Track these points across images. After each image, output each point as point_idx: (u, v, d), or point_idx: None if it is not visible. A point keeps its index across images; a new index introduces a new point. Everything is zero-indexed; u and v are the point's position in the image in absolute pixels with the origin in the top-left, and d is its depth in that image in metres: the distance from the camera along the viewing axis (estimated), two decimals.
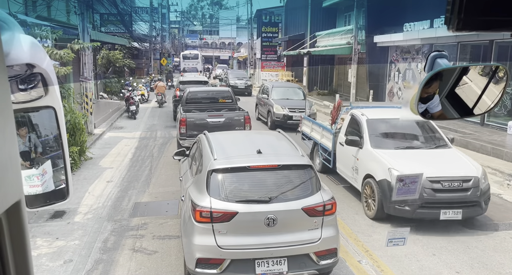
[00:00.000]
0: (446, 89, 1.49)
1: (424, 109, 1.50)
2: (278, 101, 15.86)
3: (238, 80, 29.28)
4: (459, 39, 15.39)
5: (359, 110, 8.59)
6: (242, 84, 29.00)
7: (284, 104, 15.51)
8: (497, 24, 0.90)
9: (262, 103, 17.48)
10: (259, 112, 18.19)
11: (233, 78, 29.79)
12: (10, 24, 0.94)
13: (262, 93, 17.96)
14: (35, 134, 1.35)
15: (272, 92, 16.78)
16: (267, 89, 17.33)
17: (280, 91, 17.09)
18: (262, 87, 18.67)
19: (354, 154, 7.93)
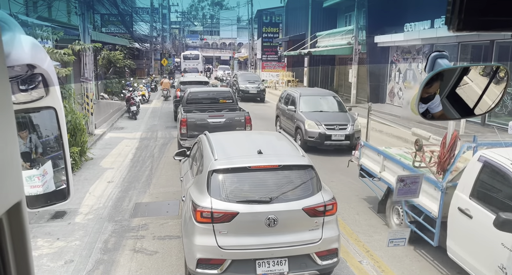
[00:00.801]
0: (446, 89, 1.49)
1: (425, 109, 1.51)
2: (310, 115, 12.36)
3: (250, 84, 25.63)
4: (460, 40, 15.38)
5: (497, 152, 4.86)
6: (254, 89, 25.40)
7: (319, 119, 12.04)
8: (498, 24, 0.90)
9: (286, 116, 13.90)
10: (281, 127, 14.31)
11: (244, 81, 26.06)
12: (11, 25, 0.94)
13: (285, 103, 14.31)
14: (36, 135, 1.35)
15: (300, 102, 13.13)
16: (293, 99, 13.59)
17: (310, 101, 13.41)
18: (285, 96, 14.70)
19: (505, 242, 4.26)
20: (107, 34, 23.36)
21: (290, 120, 13.37)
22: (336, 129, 11.73)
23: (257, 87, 25.51)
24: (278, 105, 15.25)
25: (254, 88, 25.42)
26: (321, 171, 7.94)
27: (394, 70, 20.87)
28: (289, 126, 13.38)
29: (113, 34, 25.20)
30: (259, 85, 25.90)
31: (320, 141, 11.71)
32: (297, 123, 12.58)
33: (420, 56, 18.53)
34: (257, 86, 25.63)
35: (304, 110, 12.78)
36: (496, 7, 0.88)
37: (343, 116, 12.46)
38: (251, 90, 25.30)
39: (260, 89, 25.52)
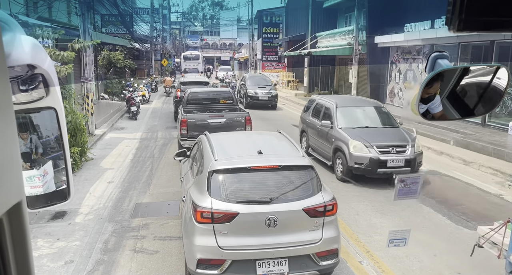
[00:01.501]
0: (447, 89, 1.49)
1: (425, 109, 1.51)
2: (354, 133, 9.42)
3: (260, 89, 22.11)
4: (460, 40, 15.38)
5: None
6: (264, 95, 21.87)
7: (368, 139, 9.18)
8: (498, 25, 0.90)
9: (318, 133, 10.86)
10: (310, 146, 11.46)
11: (253, 86, 22.42)
12: (12, 25, 0.94)
13: (314, 115, 11.34)
14: (36, 135, 1.35)
15: (338, 115, 10.09)
16: (327, 110, 10.60)
17: (351, 113, 10.37)
18: (314, 106, 11.61)
19: None
20: (108, 35, 23.38)
21: (324, 139, 10.41)
22: (392, 153, 8.91)
23: (268, 93, 21.97)
24: (304, 118, 12.09)
25: (264, 94, 21.93)
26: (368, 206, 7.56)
27: (394, 70, 20.87)
28: (323, 147, 10.46)
29: (113, 35, 25.22)
30: (271, 90, 22.36)
31: (371, 169, 8.84)
32: (337, 144, 9.57)
33: (420, 56, 18.53)
34: (268, 91, 22.08)
35: (345, 127, 9.79)
36: (496, 7, 0.88)
37: (397, 134, 9.57)
38: (261, 96, 21.87)
39: (272, 95, 22.00)
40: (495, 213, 7.54)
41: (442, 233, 6.68)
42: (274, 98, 22.15)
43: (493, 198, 8.42)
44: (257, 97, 21.85)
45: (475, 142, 11.99)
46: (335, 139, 9.73)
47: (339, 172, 9.49)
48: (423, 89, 1.43)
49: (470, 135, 12.92)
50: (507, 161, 10.55)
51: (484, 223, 7.05)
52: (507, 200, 8.36)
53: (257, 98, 21.81)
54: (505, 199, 8.43)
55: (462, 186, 9.16)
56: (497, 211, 7.69)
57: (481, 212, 7.61)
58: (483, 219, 7.28)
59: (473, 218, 7.30)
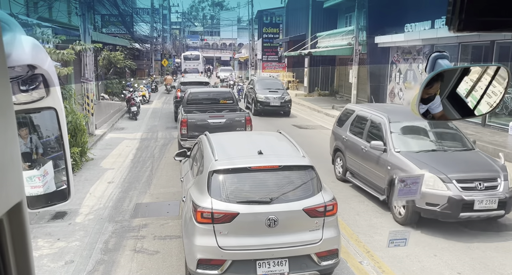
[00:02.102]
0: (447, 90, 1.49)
1: (426, 110, 1.51)
2: (421, 161, 6.95)
3: (271, 94, 19.62)
4: (460, 40, 15.38)
5: None
6: (276, 100, 19.37)
7: (443, 169, 6.66)
8: (498, 25, 0.90)
9: (363, 157, 8.22)
10: (349, 170, 8.95)
11: (263, 90, 19.95)
12: (12, 25, 0.94)
13: (355, 132, 8.84)
14: (37, 135, 1.35)
15: (393, 135, 7.59)
16: (377, 127, 8.09)
17: (411, 132, 8.02)
18: (354, 118, 9.14)
19: None
20: (108, 35, 23.39)
21: (372, 164, 7.83)
22: (479, 190, 6.45)
23: (281, 98, 19.44)
24: (338, 133, 9.65)
25: (276, 99, 19.39)
26: None
27: (394, 70, 20.87)
28: (371, 175, 7.87)
29: (113, 35, 25.24)
30: (283, 95, 19.79)
31: (450, 212, 6.41)
32: (394, 174, 6.97)
33: (420, 56, 18.53)
34: (281, 96, 19.54)
35: (405, 150, 7.31)
36: (496, 7, 0.88)
37: (479, 161, 7.15)
38: (273, 102, 19.35)
39: (285, 100, 19.49)
40: None
41: (442, 233, 6.68)
42: (287, 104, 19.52)
43: None
44: (268, 103, 19.31)
45: None
46: (392, 167, 7.16)
47: (398, 214, 6.99)
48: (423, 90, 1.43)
49: (470, 135, 12.90)
50: (507, 161, 10.54)
51: (484, 224, 7.05)
52: None
53: (268, 104, 19.31)
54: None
55: None
56: None
57: None
58: None
59: None
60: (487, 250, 6.15)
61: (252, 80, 22.97)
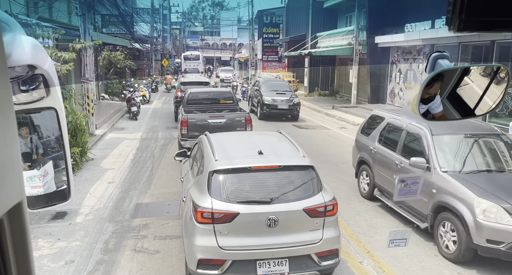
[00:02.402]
0: (447, 90, 1.49)
1: (426, 110, 1.51)
2: (477, 184, 5.71)
3: (278, 96, 18.29)
4: (461, 40, 15.38)
5: None
6: (284, 103, 18.07)
7: (507, 196, 5.45)
8: (498, 25, 0.90)
9: (398, 172, 6.91)
10: (378, 187, 7.80)
11: (269, 92, 18.59)
12: (12, 25, 0.94)
13: (384, 143, 7.75)
14: (37, 135, 1.35)
15: (437, 150, 6.37)
16: (416, 139, 6.94)
17: (459, 147, 6.69)
18: (384, 127, 7.99)
19: None
20: (108, 35, 23.38)
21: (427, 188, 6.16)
22: None
23: (289, 101, 18.12)
24: (363, 143, 8.49)
25: (284, 102, 18.05)
26: None
27: (394, 70, 20.88)
28: (415, 202, 6.42)
29: (113, 35, 25.24)
30: (292, 97, 18.48)
31: None
32: (443, 200, 5.87)
33: (420, 56, 18.53)
34: (289, 99, 18.23)
35: (453, 170, 6.12)
36: (496, 7, 0.88)
37: None
38: (280, 105, 17.99)
39: (293, 103, 18.13)
40: None
41: None
42: (296, 107, 18.17)
43: None
44: (276, 106, 17.93)
45: None
46: (438, 190, 5.96)
47: (446, 247, 5.83)
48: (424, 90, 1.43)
49: None
50: None
51: None
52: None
53: (275, 107, 17.94)
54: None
55: None
56: None
57: None
58: None
59: None
60: None
61: (257, 81, 21.29)
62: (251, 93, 21.07)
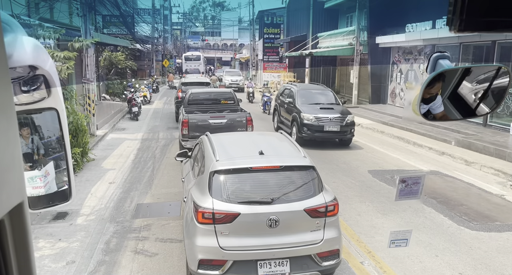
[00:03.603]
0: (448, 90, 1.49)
1: (427, 110, 1.50)
2: None
3: (324, 113, 12.86)
4: (461, 40, 15.37)
5: None
6: (334, 123, 12.61)
7: None
8: (499, 25, 0.90)
9: None
10: None
11: (310, 106, 13.25)
12: (13, 26, 0.94)
13: None
14: (38, 136, 1.36)
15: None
16: None
17: None
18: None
19: None
20: (109, 35, 23.39)
21: None
22: None
23: (340, 120, 12.60)
24: None
25: (334, 121, 12.54)
26: None
27: (395, 71, 20.86)
28: None
29: (114, 35, 25.25)
30: (343, 114, 12.81)
31: None
32: None
33: (421, 57, 18.51)
34: (340, 116, 12.66)
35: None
36: (497, 7, 0.88)
37: None
38: (328, 126, 12.54)
39: (346, 123, 12.58)
40: (497, 214, 7.53)
41: (443, 233, 6.67)
42: (349, 129, 12.67)
43: (494, 199, 8.40)
44: (321, 128, 12.53)
45: (476, 142, 11.97)
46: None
47: None
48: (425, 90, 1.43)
49: (471, 135, 12.89)
50: (508, 161, 10.53)
51: (485, 224, 7.06)
52: (508, 200, 8.34)
53: (320, 129, 12.54)
54: (506, 199, 8.41)
55: (463, 187, 9.15)
56: (498, 211, 7.68)
57: (483, 213, 7.59)
58: (485, 219, 7.27)
59: (475, 218, 7.28)
60: (489, 250, 6.15)
61: (287, 89, 15.25)
62: (278, 106, 15.52)
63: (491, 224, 7.10)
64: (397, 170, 10.39)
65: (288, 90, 15.06)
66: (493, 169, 10.08)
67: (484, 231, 6.82)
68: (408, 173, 9.75)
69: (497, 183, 9.37)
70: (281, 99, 15.29)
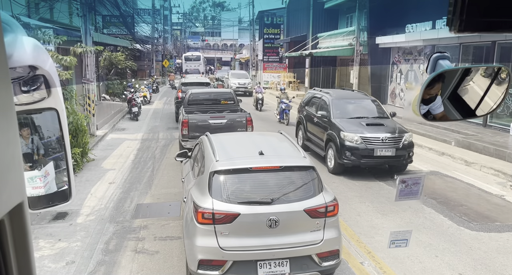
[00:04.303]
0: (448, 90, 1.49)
1: (427, 110, 1.50)
2: None
3: (373, 131, 9.68)
4: (461, 40, 15.37)
5: None
6: (388, 146, 9.46)
7: None
8: (499, 25, 0.90)
9: None
10: None
11: (350, 122, 10.16)
12: (13, 26, 0.95)
13: None
14: (38, 136, 1.36)
15: None
16: None
17: None
18: None
19: None
20: (109, 36, 23.40)
21: None
22: None
23: (396, 140, 9.60)
24: None
25: (387, 143, 9.53)
26: None
27: (395, 71, 20.86)
28: None
29: (114, 36, 25.26)
30: (397, 131, 9.75)
31: None
32: None
33: (421, 57, 18.51)
34: (395, 136, 9.61)
35: None
36: (497, 8, 0.88)
37: None
38: (380, 150, 9.50)
39: (403, 144, 9.59)
40: (497, 214, 7.53)
41: (443, 234, 6.67)
42: (407, 152, 9.62)
43: (494, 199, 8.41)
44: (371, 152, 9.41)
45: (476, 143, 11.97)
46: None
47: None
48: (424, 90, 1.43)
49: (471, 136, 12.89)
50: (508, 162, 10.53)
51: (485, 225, 7.06)
52: (508, 201, 8.34)
53: (369, 154, 9.45)
54: (506, 199, 8.41)
55: (463, 187, 9.15)
56: (498, 211, 7.68)
57: (483, 213, 7.59)
58: (485, 219, 7.27)
59: (475, 219, 7.29)
60: (489, 251, 6.15)
61: (317, 98, 11.92)
62: (303, 119, 12.35)
63: (491, 225, 7.10)
64: None
65: (317, 100, 11.88)
66: (493, 169, 10.08)
67: (484, 231, 6.82)
68: (408, 173, 9.75)
69: (497, 183, 9.37)
70: (308, 111, 12.20)
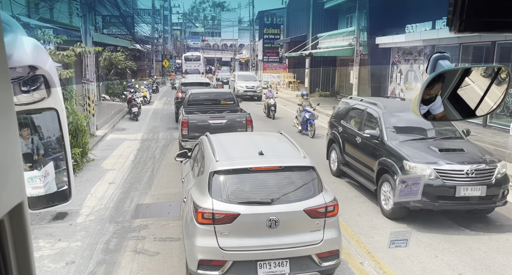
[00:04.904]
0: (448, 90, 1.49)
1: (427, 110, 1.50)
2: None
3: (451, 161, 6.63)
4: (461, 41, 15.37)
5: None
6: (476, 182, 6.52)
7: None
8: (499, 25, 0.90)
9: None
10: None
11: (418, 147, 7.18)
12: (13, 26, 0.95)
13: None
14: (38, 136, 1.36)
15: None
16: None
17: None
18: None
19: None
20: (109, 36, 23.40)
21: None
22: None
23: (487, 173, 6.65)
24: None
25: (477, 178, 6.53)
26: None
27: (395, 71, 20.87)
28: None
29: (114, 36, 25.26)
30: (486, 161, 6.77)
31: None
32: None
33: (421, 57, 18.52)
34: (483, 167, 6.65)
35: None
36: (497, 8, 0.88)
37: None
38: (464, 188, 6.47)
39: (496, 178, 6.67)
40: (498, 214, 7.53)
41: (443, 234, 6.67)
42: (502, 190, 6.83)
43: None
44: (451, 191, 6.55)
45: (476, 143, 11.96)
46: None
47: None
48: (424, 90, 1.43)
49: (471, 136, 12.89)
50: (508, 162, 10.52)
51: (485, 225, 7.05)
52: (509, 201, 8.33)
53: (449, 194, 6.58)
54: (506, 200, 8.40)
55: None
56: (499, 211, 7.67)
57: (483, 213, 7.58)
58: (485, 219, 7.27)
59: (475, 219, 7.28)
60: (489, 251, 6.15)
61: (358, 110, 9.19)
62: (339, 136, 9.60)
63: (491, 225, 7.10)
64: None
65: (358, 112, 9.12)
66: None
67: (484, 231, 6.82)
68: None
69: None
70: (345, 127, 9.44)
